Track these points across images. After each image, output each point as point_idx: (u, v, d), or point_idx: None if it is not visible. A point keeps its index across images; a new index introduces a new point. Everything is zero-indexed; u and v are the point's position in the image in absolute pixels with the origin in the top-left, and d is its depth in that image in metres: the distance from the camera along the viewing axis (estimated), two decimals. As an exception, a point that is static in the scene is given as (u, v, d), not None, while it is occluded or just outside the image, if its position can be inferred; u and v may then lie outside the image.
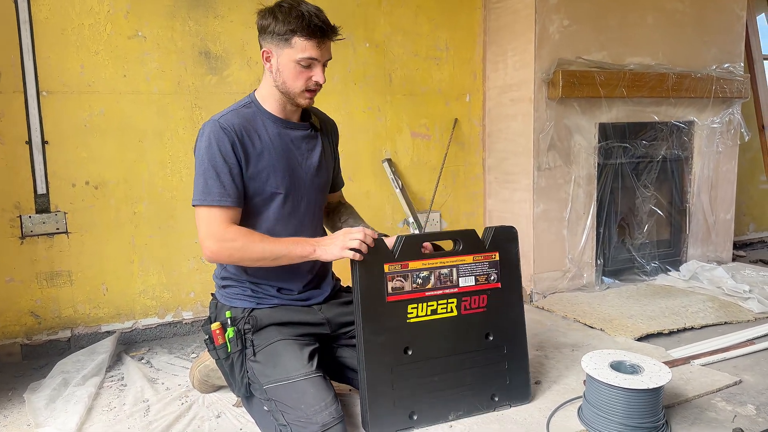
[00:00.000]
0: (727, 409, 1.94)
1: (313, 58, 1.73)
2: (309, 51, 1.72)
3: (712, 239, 3.81)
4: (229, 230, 1.72)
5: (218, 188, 1.72)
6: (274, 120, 1.84)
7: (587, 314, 2.88)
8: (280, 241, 1.74)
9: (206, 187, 1.72)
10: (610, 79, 3.15)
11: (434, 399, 1.83)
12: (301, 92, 1.78)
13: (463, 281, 1.87)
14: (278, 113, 1.85)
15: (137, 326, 2.69)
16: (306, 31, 1.69)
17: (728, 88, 3.56)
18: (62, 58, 2.45)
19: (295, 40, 1.71)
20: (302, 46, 1.71)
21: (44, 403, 2.03)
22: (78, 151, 2.51)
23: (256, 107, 1.84)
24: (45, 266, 2.50)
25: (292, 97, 1.80)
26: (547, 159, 3.14)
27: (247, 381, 1.80)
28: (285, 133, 1.85)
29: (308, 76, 1.76)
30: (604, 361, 1.85)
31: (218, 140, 1.72)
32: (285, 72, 1.75)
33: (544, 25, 3.04)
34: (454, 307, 1.84)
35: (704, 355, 2.37)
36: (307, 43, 1.71)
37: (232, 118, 1.77)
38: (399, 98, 3.19)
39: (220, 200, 1.72)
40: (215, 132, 1.73)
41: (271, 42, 1.75)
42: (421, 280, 1.81)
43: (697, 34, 3.52)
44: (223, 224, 1.72)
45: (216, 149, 1.72)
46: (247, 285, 1.88)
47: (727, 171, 3.80)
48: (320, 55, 1.74)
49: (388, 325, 1.78)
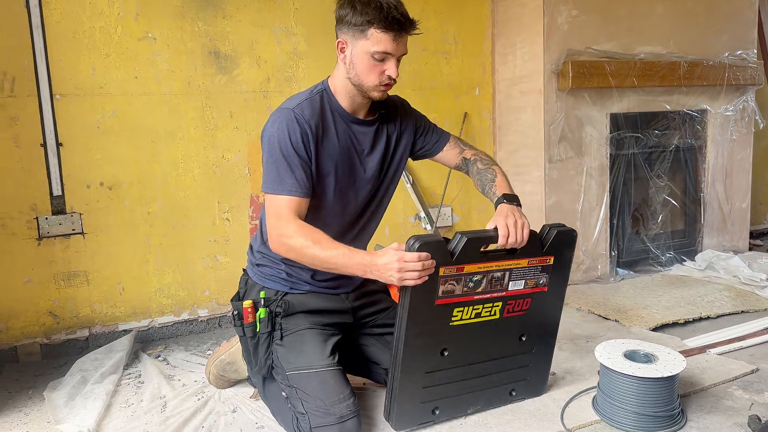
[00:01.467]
0: (744, 397, 1.92)
1: (388, 52, 1.67)
2: (384, 44, 1.66)
3: (727, 228, 3.77)
4: (289, 225, 1.66)
5: (289, 177, 1.69)
6: (342, 114, 1.80)
7: (602, 305, 2.87)
8: (334, 252, 1.62)
9: (277, 176, 1.69)
10: (621, 69, 3.13)
11: (457, 395, 1.81)
12: (375, 86, 1.73)
13: (513, 285, 1.76)
14: (347, 106, 1.80)
15: (154, 324, 2.72)
16: (383, 23, 1.64)
17: (741, 75, 3.52)
18: (74, 61, 2.48)
19: (372, 32, 1.66)
20: (378, 38, 1.66)
21: (64, 400, 2.07)
22: (92, 153, 2.54)
23: (328, 97, 1.80)
24: (62, 267, 2.54)
25: (365, 90, 1.75)
26: (558, 150, 3.13)
27: (270, 363, 1.82)
28: (351, 131, 1.82)
29: (382, 69, 1.70)
30: (618, 351, 1.84)
31: (291, 130, 1.70)
32: (359, 64, 1.70)
33: (553, 16, 3.02)
34: (498, 311, 1.77)
35: (720, 344, 2.35)
36: (384, 35, 1.66)
37: (305, 108, 1.73)
38: (408, 93, 3.17)
39: (290, 191, 1.69)
40: (290, 121, 1.70)
41: (347, 33, 1.70)
42: (473, 283, 1.69)
43: (708, 22, 3.48)
44: (286, 216, 1.67)
45: (288, 139, 1.69)
46: (282, 268, 1.87)
47: (742, 159, 3.76)
48: (395, 49, 1.68)
49: (432, 328, 1.69)
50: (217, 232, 2.79)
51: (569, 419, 1.81)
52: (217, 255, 2.80)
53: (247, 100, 2.80)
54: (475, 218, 3.46)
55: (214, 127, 2.74)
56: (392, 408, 1.74)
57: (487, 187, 1.92)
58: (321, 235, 1.65)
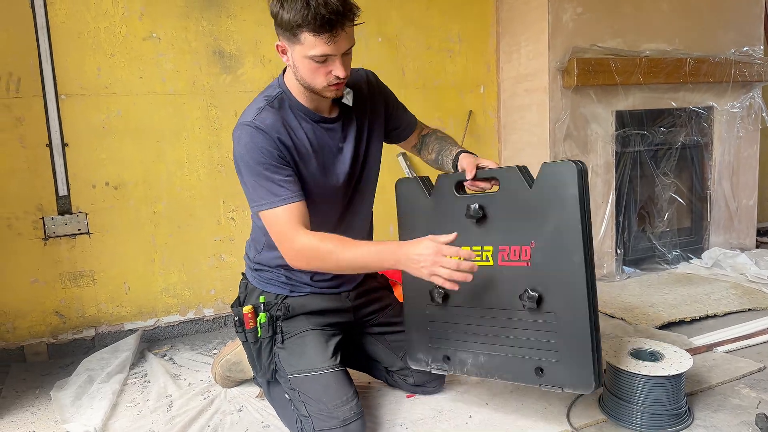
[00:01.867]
0: (752, 395, 1.91)
1: (326, 54, 1.51)
2: (320, 47, 1.50)
3: (734, 226, 3.75)
4: (300, 237, 1.58)
5: (279, 188, 1.60)
6: (307, 113, 1.70)
7: (608, 304, 2.86)
8: (359, 252, 1.56)
9: (265, 190, 1.61)
10: (626, 66, 3.12)
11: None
12: (324, 87, 1.60)
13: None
14: (308, 104, 1.70)
15: (159, 324, 2.73)
16: (313, 26, 1.46)
17: (748, 71, 3.50)
18: (79, 61, 2.49)
19: (304, 36, 1.49)
20: (311, 42, 1.49)
21: (70, 400, 2.08)
22: (97, 153, 2.55)
23: (287, 98, 1.69)
24: (68, 267, 2.54)
25: (316, 92, 1.63)
26: (563, 148, 3.12)
27: (273, 367, 1.81)
28: (319, 129, 1.72)
29: (327, 71, 1.56)
30: (625, 349, 1.84)
31: (258, 141, 1.60)
32: (301, 68, 1.58)
33: (557, 14, 3.01)
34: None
35: (727, 342, 2.34)
36: (317, 39, 1.48)
37: (266, 118, 1.63)
38: (412, 92, 3.19)
39: (285, 199, 1.60)
40: (253, 135, 1.61)
41: (282, 35, 1.56)
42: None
43: (714, 18, 3.46)
44: (293, 227, 1.59)
45: (259, 152, 1.60)
46: (282, 272, 1.84)
47: (749, 156, 3.74)
48: (335, 49, 1.51)
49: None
50: (223, 231, 2.80)
51: (576, 418, 1.81)
52: (223, 254, 2.81)
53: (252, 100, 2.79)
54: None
55: (218, 126, 2.74)
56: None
57: (445, 149, 1.88)
58: (338, 238, 1.58)
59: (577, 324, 1.56)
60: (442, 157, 1.88)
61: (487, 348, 1.71)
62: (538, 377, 1.64)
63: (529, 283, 1.61)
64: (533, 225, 1.59)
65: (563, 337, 1.59)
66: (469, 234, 1.68)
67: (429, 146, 1.95)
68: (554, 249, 1.57)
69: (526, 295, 1.61)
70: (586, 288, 1.55)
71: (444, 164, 1.87)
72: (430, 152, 1.94)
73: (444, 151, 1.89)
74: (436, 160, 1.92)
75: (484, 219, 1.66)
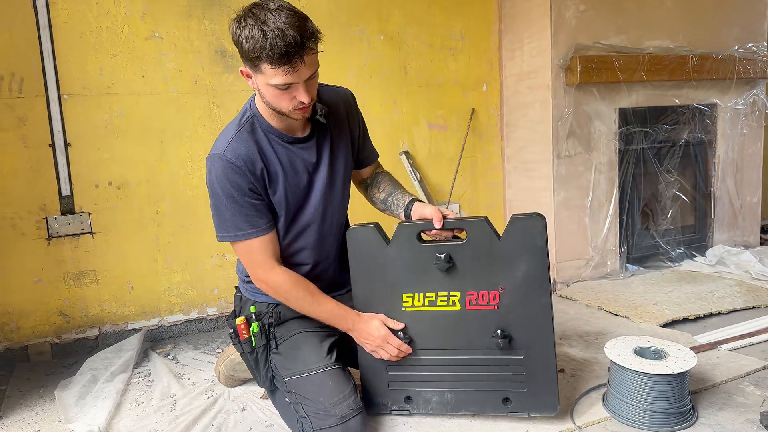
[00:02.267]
0: (756, 393, 1.91)
1: (288, 83, 1.51)
2: (280, 77, 1.49)
3: (738, 223, 3.74)
4: (274, 274, 1.71)
5: (245, 222, 1.66)
6: (279, 135, 1.70)
7: (611, 302, 2.85)
8: (322, 309, 1.75)
9: (233, 223, 1.66)
10: (629, 63, 3.11)
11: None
12: (291, 111, 1.59)
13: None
14: (279, 125, 1.70)
15: (163, 323, 2.73)
16: (270, 59, 1.45)
17: (751, 68, 3.49)
18: (82, 61, 2.49)
19: (264, 67, 1.48)
20: (272, 73, 1.49)
21: (74, 399, 2.08)
22: (100, 153, 2.55)
23: (258, 123, 1.69)
24: (71, 266, 2.55)
25: (284, 115, 1.63)
26: (566, 146, 3.11)
27: (271, 374, 1.82)
28: (292, 151, 1.73)
29: (291, 96, 1.55)
30: (628, 347, 1.83)
31: (229, 177, 1.62)
32: (266, 94, 1.57)
33: (560, 11, 3.00)
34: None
35: (731, 339, 2.33)
36: (276, 70, 1.48)
37: (237, 148, 1.63)
38: (415, 90, 3.18)
39: (251, 233, 1.67)
40: (225, 167, 1.62)
41: (244, 62, 1.55)
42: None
43: (717, 14, 3.44)
44: (266, 259, 1.70)
45: (229, 186, 1.62)
46: None
47: (753, 153, 3.72)
48: (296, 78, 1.50)
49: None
50: (225, 230, 2.79)
51: (579, 416, 1.80)
52: (226, 253, 2.81)
53: (254, 99, 2.79)
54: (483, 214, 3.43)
55: (221, 125, 2.74)
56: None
57: (397, 192, 1.93)
58: (307, 288, 1.73)
59: (544, 357, 1.72)
60: (393, 199, 1.92)
61: (453, 385, 1.80)
62: (505, 407, 1.77)
63: (499, 324, 1.73)
64: (502, 271, 1.71)
65: (530, 369, 1.73)
66: (435, 280, 1.76)
67: (381, 185, 1.98)
68: (523, 293, 1.71)
69: (498, 335, 1.72)
70: (551, 325, 1.72)
71: (393, 207, 1.91)
72: (380, 191, 1.97)
73: (395, 194, 1.93)
74: (384, 200, 1.95)
75: (452, 267, 1.74)
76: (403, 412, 1.84)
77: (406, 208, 1.86)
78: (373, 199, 2.00)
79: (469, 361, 1.77)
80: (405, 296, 1.78)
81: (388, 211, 1.96)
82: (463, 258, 1.73)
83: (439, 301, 1.76)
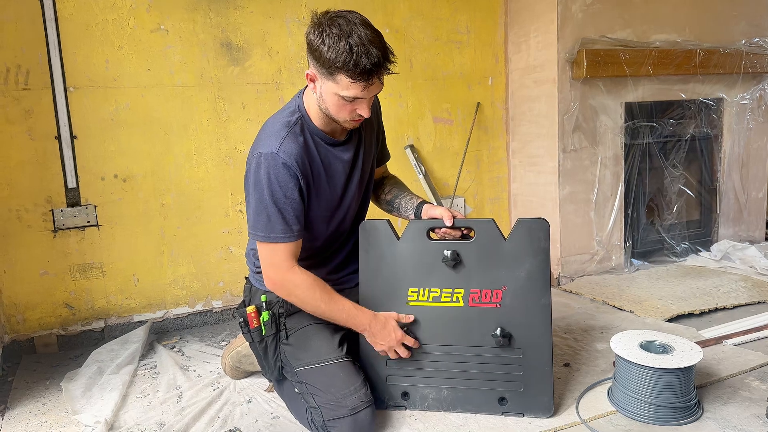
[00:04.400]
0: (762, 388, 1.91)
1: (358, 97, 1.59)
2: (353, 91, 1.56)
3: (743, 218, 3.73)
4: (292, 273, 1.70)
5: (282, 225, 1.67)
6: (322, 137, 1.76)
7: (616, 296, 2.85)
8: (337, 308, 1.74)
9: (269, 224, 1.67)
10: (636, 57, 3.09)
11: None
12: (345, 121, 1.67)
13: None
14: (324, 127, 1.76)
15: (168, 316, 2.74)
16: (351, 72, 1.52)
17: (758, 63, 3.47)
18: (87, 53, 2.49)
19: (340, 77, 1.54)
20: (346, 84, 1.55)
21: (81, 391, 2.09)
22: (106, 145, 2.55)
23: (306, 124, 1.74)
24: (77, 259, 2.55)
25: (336, 122, 1.71)
26: (572, 140, 3.10)
27: (280, 364, 1.83)
28: (332, 153, 1.79)
29: (352, 108, 1.63)
30: (634, 342, 1.83)
31: (279, 178, 1.65)
32: (328, 101, 1.63)
33: (567, 4, 2.99)
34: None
35: (737, 334, 2.33)
36: (352, 83, 1.54)
37: (290, 148, 1.67)
38: (420, 83, 3.17)
39: (284, 237, 1.69)
40: (275, 168, 1.65)
41: (315, 67, 1.59)
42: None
43: (724, 8, 3.42)
44: (287, 261, 1.70)
45: (277, 186, 1.65)
46: None
47: (759, 148, 3.71)
48: (366, 94, 1.58)
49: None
50: (231, 223, 2.80)
51: (585, 410, 1.81)
52: (231, 246, 2.81)
53: (260, 92, 2.79)
54: (488, 209, 3.44)
55: (226, 118, 2.74)
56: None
57: (405, 195, 1.99)
58: (324, 288, 1.72)
59: (541, 358, 1.76)
60: (401, 201, 1.98)
61: (451, 383, 1.82)
62: (501, 406, 1.80)
63: (499, 322, 1.77)
64: (506, 271, 1.77)
65: (527, 369, 1.77)
66: (440, 277, 1.80)
67: (387, 187, 2.05)
68: (525, 293, 1.76)
69: (499, 333, 1.75)
70: (550, 326, 1.76)
71: (401, 209, 1.98)
72: (386, 193, 2.04)
73: (403, 196, 2.00)
74: (391, 202, 2.02)
75: (458, 264, 1.79)
76: (400, 408, 1.85)
77: (416, 210, 1.92)
78: (379, 200, 2.07)
79: (468, 358, 1.80)
80: (410, 291, 1.81)
81: (394, 212, 2.02)
82: (469, 256, 1.78)
83: (443, 297, 1.80)
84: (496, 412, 1.80)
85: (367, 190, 1.98)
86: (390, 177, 2.12)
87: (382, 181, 2.09)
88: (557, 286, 3.14)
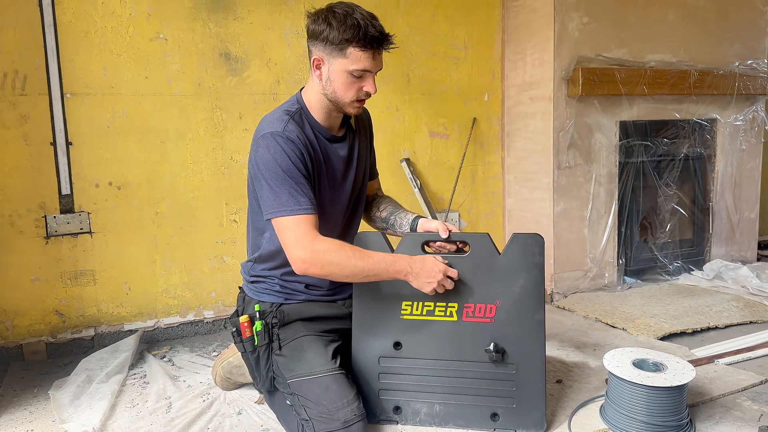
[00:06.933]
0: (753, 408, 1.91)
1: (367, 69, 1.69)
2: (364, 62, 1.67)
3: (736, 238, 3.75)
4: (319, 241, 1.65)
5: (301, 196, 1.67)
6: (321, 131, 1.81)
7: (609, 314, 2.85)
8: (374, 260, 1.68)
9: (289, 197, 1.66)
10: (631, 77, 3.12)
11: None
12: (351, 102, 1.75)
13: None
14: (323, 122, 1.81)
15: (159, 325, 2.72)
16: (362, 42, 1.64)
17: (752, 84, 3.51)
18: (86, 60, 2.49)
19: (350, 51, 1.66)
20: (357, 56, 1.66)
21: (69, 399, 2.07)
22: (101, 152, 2.54)
23: (306, 116, 1.79)
24: (69, 266, 2.54)
25: (341, 106, 1.77)
26: (567, 157, 3.12)
27: (272, 375, 1.82)
28: (330, 148, 1.83)
29: (360, 86, 1.72)
30: (627, 359, 1.83)
31: (288, 151, 1.68)
32: (336, 81, 1.71)
33: (563, 23, 3.02)
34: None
35: (729, 354, 2.34)
36: (363, 53, 1.66)
37: (293, 130, 1.72)
38: (417, 98, 3.19)
39: (304, 209, 1.66)
40: (284, 143, 1.68)
41: (323, 50, 1.69)
42: None
43: (719, 30, 3.47)
44: (311, 232, 1.65)
45: (289, 160, 1.67)
46: (275, 281, 1.89)
47: (752, 169, 3.74)
48: (374, 66, 1.70)
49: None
50: (225, 233, 2.79)
51: (577, 427, 1.80)
52: (224, 256, 2.80)
53: (257, 102, 2.80)
54: (483, 223, 3.45)
55: (223, 128, 2.74)
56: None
57: (399, 211, 2.01)
58: (352, 246, 1.70)
59: (534, 374, 1.75)
60: (396, 218, 2.00)
61: (443, 397, 1.81)
62: (493, 422, 1.79)
63: (493, 337, 1.76)
64: (500, 286, 1.76)
65: (520, 385, 1.76)
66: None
67: (380, 205, 2.07)
68: (519, 308, 1.76)
69: (492, 348, 1.74)
70: (543, 341, 1.76)
71: (396, 225, 1.99)
72: (381, 210, 2.06)
73: (398, 213, 2.01)
74: (386, 219, 2.03)
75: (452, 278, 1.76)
76: (392, 422, 1.83)
77: (411, 224, 1.93)
78: (373, 218, 2.08)
79: (461, 373, 1.79)
80: (404, 304, 1.80)
81: (389, 230, 2.02)
82: (463, 270, 1.77)
83: (437, 311, 1.79)
84: (488, 428, 1.79)
85: (359, 200, 1.98)
86: (384, 196, 2.15)
87: (376, 199, 2.11)
88: (550, 303, 3.14)
